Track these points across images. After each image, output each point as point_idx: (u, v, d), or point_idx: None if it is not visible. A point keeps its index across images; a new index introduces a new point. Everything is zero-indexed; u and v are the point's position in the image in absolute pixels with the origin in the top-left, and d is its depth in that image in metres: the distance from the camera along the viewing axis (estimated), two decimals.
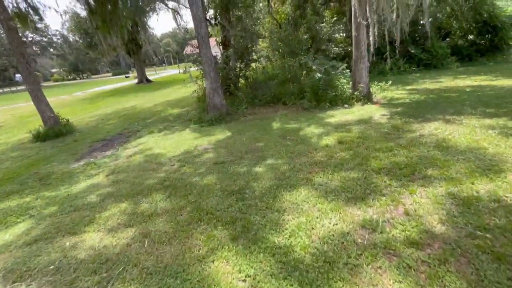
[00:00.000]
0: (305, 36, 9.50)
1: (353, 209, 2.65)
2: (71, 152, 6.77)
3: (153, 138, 6.89)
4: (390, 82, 8.14)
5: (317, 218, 2.62)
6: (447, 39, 13.15)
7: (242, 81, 10.85)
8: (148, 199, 3.76)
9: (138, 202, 3.71)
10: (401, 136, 4.40)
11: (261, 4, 15.51)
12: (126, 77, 39.04)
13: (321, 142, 4.83)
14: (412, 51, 11.73)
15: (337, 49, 9.19)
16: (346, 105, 7.05)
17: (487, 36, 11.90)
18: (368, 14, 6.14)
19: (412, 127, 4.67)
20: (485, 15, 11.13)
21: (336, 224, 2.46)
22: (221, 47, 10.24)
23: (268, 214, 2.86)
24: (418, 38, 12.31)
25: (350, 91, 7.37)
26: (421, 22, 11.90)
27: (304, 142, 4.99)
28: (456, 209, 2.34)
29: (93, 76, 53.94)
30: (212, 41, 11.16)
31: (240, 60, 10.39)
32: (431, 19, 6.45)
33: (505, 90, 6.56)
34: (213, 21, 10.07)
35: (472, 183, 2.68)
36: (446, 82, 8.90)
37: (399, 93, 7.95)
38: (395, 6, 6.66)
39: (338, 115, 6.37)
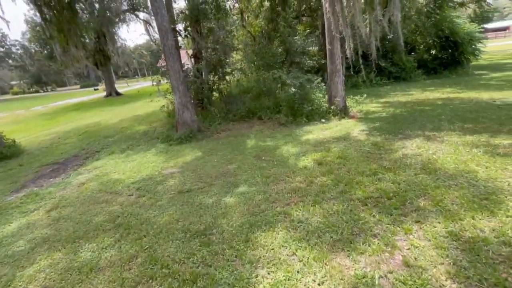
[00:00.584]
0: (279, 49, 9.24)
1: (341, 258, 2.15)
2: (11, 180, 5.73)
3: (113, 161, 6.05)
4: (365, 95, 8.03)
5: (298, 272, 2.08)
6: (413, 53, 13.68)
7: (216, 94, 10.31)
8: (92, 244, 3.01)
9: (78, 250, 2.95)
10: (384, 156, 4.06)
11: (234, 17, 15.29)
12: (95, 89, 36.90)
13: (299, 163, 4.37)
14: (383, 65, 11.96)
15: (311, 62, 9.03)
16: (323, 120, 6.74)
17: (449, 51, 12.49)
18: (341, 28, 5.94)
19: (394, 145, 4.37)
20: (446, 31, 11.69)
21: (323, 283, 1.93)
22: (192, 59, 9.66)
23: (238, 267, 2.27)
24: (386, 52, 12.63)
25: (327, 105, 7.10)
26: (389, 37, 12.26)
27: (281, 163, 4.50)
28: (464, 257, 1.92)
29: (58, 89, 50.30)
30: (185, 53, 10.59)
31: (213, 73, 9.88)
32: (401, 34, 6.45)
33: (474, 103, 6.62)
34: (183, 33, 9.51)
35: (473, 218, 2.31)
36: (417, 94, 9.00)
37: (374, 106, 7.84)
38: (367, 21, 6.57)
39: (316, 131, 6.01)
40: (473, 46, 12.20)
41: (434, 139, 4.31)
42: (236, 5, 14.42)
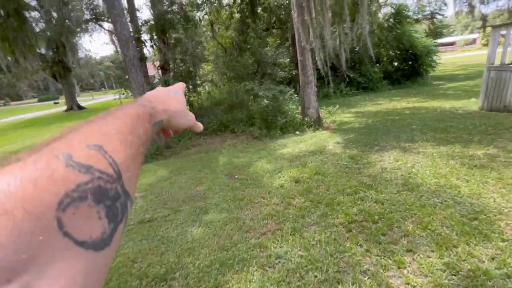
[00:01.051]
0: (250, 60, 9.03)
1: None
2: None
3: None
4: (337, 106, 8.01)
5: None
6: (378, 65, 14.32)
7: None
8: None
9: None
10: (362, 170, 3.85)
11: (204, 28, 14.98)
12: (55, 103, 34.08)
13: (275, 181, 4.01)
14: (352, 76, 12.28)
15: (283, 73, 8.92)
16: (297, 132, 6.52)
17: (409, 62, 13.23)
18: (311, 39, 5.83)
19: (371, 158, 4.20)
20: (406, 45, 12.37)
21: None
22: (159, 71, 9.09)
23: None
24: (354, 64, 13.05)
25: (300, 117, 6.91)
26: (356, 49, 12.70)
27: (255, 182, 4.11)
28: None
29: (13, 103, 45.71)
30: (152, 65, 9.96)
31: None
32: (370, 45, 6.56)
33: (439, 112, 6.83)
34: (148, 43, 8.94)
35: (467, 244, 2.08)
36: (385, 104, 9.23)
37: (346, 116, 7.82)
38: (337, 32, 6.57)
39: (291, 145, 5.74)
40: (430, 58, 13.04)
41: (410, 150, 4.21)
42: (206, 16, 14.15)
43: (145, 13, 31.06)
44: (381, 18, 15.37)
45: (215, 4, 12.57)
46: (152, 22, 8.56)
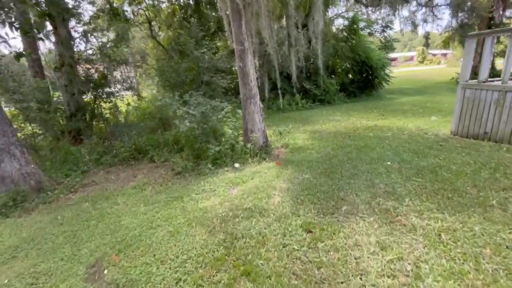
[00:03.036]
0: (184, 65, 6.94)
1: None
2: None
3: None
4: (290, 126, 6.35)
5: None
6: (333, 76, 13.36)
7: (101, 123, 7.25)
8: None
9: None
10: (324, 271, 2.05)
11: (143, 27, 12.43)
12: None
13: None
14: (307, 87, 10.96)
15: (224, 81, 7.05)
16: (236, 165, 4.60)
17: (364, 75, 12.46)
18: (245, 36, 4.02)
19: (337, 238, 2.42)
20: (362, 56, 11.52)
21: None
22: (54, 73, 6.46)
23: None
24: (310, 75, 11.80)
25: (242, 143, 5.03)
26: (312, 60, 11.46)
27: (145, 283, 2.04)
28: None
29: None
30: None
31: (93, 93, 6.87)
32: (320, 44, 5.09)
33: (408, 136, 5.57)
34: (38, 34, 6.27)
35: None
36: (343, 120, 7.92)
37: (302, 137, 6.18)
38: (285, 32, 4.88)
39: (222, 189, 3.78)
40: (384, 72, 12.43)
41: (398, 220, 2.54)
42: (141, 11, 11.67)
43: None
44: (335, 29, 14.61)
45: None
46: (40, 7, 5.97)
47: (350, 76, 13.12)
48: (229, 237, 2.63)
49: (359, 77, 12.57)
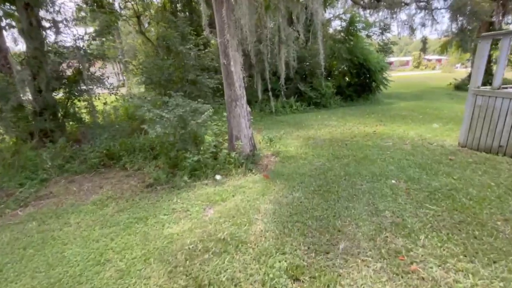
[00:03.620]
0: (169, 62, 6.28)
1: None
2: None
3: None
4: (282, 132, 5.74)
5: None
6: (330, 78, 12.81)
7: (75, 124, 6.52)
8: None
9: None
10: None
11: (129, 23, 11.69)
12: None
13: None
14: (302, 89, 10.37)
15: (211, 80, 6.38)
16: (218, 177, 3.97)
17: (361, 78, 11.92)
18: (226, 27, 3.39)
19: None
20: (360, 58, 10.97)
21: None
22: (21, 66, 5.73)
23: None
24: (306, 76, 11.22)
25: (226, 150, 4.39)
26: (308, 60, 10.88)
27: None
28: None
29: None
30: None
31: (65, 90, 6.17)
32: (321, 41, 4.47)
33: (411, 146, 5.00)
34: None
35: None
36: (340, 126, 7.35)
37: (294, 144, 5.58)
38: (275, 24, 4.26)
39: (196, 208, 3.15)
40: (382, 75, 11.90)
41: (415, 273, 1.89)
42: (129, 4, 10.94)
43: None
44: (332, 30, 14.09)
45: None
46: None
47: (347, 79, 12.59)
48: (192, 284, 1.99)
49: (356, 80, 12.03)
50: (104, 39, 6.67)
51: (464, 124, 4.57)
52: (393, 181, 3.29)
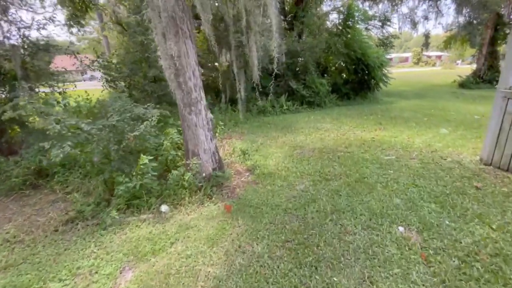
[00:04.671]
0: (129, 55, 5.17)
1: None
2: None
3: None
4: (260, 141, 4.66)
5: None
6: (325, 75, 11.68)
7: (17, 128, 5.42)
8: None
9: None
10: None
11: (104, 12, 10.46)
12: None
13: None
14: (294, 87, 9.26)
15: None
16: (163, 207, 2.90)
17: (359, 74, 10.80)
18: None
19: None
20: (358, 52, 9.83)
21: None
22: None
23: None
24: (298, 73, 10.09)
25: (183, 170, 3.32)
26: (301, 56, 9.72)
27: None
28: None
29: None
30: None
31: (4, 87, 5.08)
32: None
33: (420, 165, 3.94)
34: None
35: None
36: (334, 130, 6.30)
37: (276, 156, 4.51)
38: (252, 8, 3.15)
39: (108, 271, 2.09)
40: (382, 71, 10.77)
41: None
42: None
43: None
44: (329, 24, 12.89)
45: None
46: None
47: (344, 75, 11.47)
48: None
49: (354, 77, 10.92)
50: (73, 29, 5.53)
51: (489, 136, 3.50)
52: (400, 229, 2.23)
